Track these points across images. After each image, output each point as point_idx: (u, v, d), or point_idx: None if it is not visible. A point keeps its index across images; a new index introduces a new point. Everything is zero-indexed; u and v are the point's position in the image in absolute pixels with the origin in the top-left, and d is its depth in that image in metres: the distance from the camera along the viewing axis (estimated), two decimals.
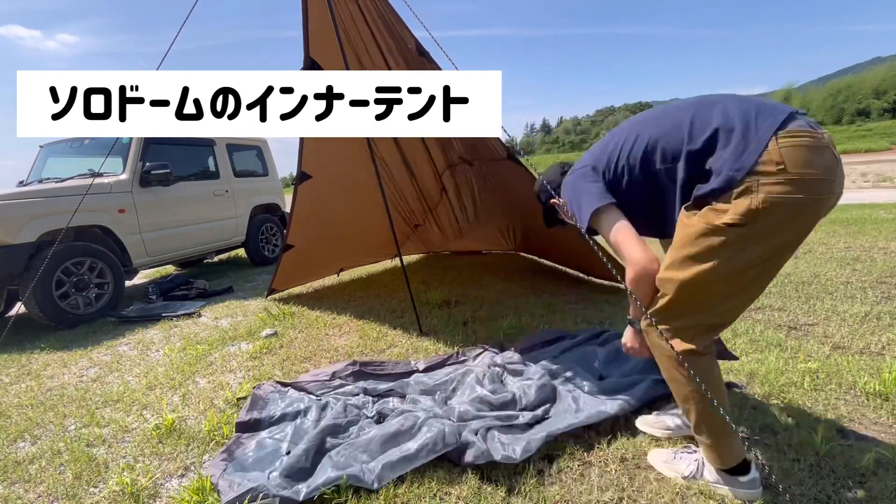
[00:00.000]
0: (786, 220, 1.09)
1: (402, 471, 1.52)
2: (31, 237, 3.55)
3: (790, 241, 1.13)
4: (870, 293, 2.99)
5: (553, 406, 1.88)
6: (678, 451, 1.49)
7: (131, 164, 4.42)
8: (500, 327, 2.87)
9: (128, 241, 4.28)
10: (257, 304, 4.03)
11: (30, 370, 2.84)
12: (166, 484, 1.63)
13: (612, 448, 1.60)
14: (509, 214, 4.41)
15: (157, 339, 3.30)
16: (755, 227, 1.09)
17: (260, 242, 6.14)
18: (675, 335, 1.24)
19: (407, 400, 2.01)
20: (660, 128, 1.29)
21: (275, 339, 3.03)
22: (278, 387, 2.21)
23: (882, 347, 2.22)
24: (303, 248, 3.85)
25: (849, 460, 1.45)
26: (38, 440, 1.99)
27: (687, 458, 1.44)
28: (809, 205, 1.08)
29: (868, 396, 1.80)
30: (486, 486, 1.47)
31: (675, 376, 1.28)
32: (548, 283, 3.92)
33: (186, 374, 2.56)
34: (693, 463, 1.41)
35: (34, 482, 1.68)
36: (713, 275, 1.14)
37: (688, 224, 1.19)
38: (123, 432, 1.99)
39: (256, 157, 6.41)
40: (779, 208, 1.07)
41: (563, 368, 2.15)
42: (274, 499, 1.43)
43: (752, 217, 1.08)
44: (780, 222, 1.09)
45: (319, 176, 3.52)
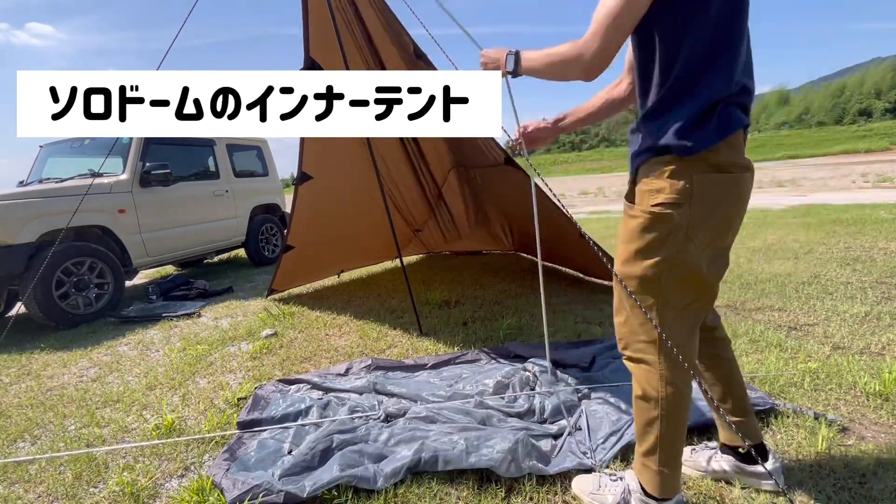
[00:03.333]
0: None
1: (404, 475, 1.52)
2: (32, 237, 3.55)
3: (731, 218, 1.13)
4: (870, 293, 2.99)
5: (578, 422, 1.77)
6: (602, 478, 1.38)
7: (131, 165, 4.43)
8: (500, 327, 2.87)
9: (128, 241, 4.28)
10: (257, 304, 4.03)
11: (30, 370, 2.84)
12: (166, 484, 1.63)
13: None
14: (509, 216, 4.41)
15: (157, 339, 3.30)
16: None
17: (260, 243, 6.14)
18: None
19: (419, 404, 1.97)
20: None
21: (275, 339, 3.03)
22: (280, 386, 2.21)
23: (882, 347, 2.22)
24: (303, 248, 3.85)
25: (849, 460, 1.45)
26: (38, 440, 1.99)
27: (612, 487, 1.34)
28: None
29: (868, 397, 1.80)
30: (486, 487, 1.47)
31: (649, 394, 1.18)
32: (548, 283, 3.91)
33: (186, 375, 2.56)
34: (620, 494, 1.31)
35: (34, 482, 1.68)
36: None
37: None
38: (123, 432, 1.99)
39: (256, 158, 6.41)
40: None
41: (605, 376, 2.08)
42: (279, 494, 1.43)
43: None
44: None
45: (320, 176, 3.52)
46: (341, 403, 2.00)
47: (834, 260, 3.89)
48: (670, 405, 1.15)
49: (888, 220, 5.62)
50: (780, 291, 3.18)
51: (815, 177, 15.56)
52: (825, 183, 12.88)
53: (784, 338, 2.39)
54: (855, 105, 47.14)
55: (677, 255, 1.09)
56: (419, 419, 1.82)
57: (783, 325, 2.58)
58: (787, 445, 1.54)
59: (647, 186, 1.12)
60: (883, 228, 5.07)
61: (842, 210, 6.78)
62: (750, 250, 4.54)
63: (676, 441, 1.19)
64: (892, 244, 4.30)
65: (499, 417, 1.79)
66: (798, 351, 2.23)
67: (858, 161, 20.51)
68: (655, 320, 1.14)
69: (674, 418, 1.17)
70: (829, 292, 3.08)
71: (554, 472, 1.48)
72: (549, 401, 1.87)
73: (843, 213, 6.37)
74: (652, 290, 1.14)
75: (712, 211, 1.08)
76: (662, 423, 1.17)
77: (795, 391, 1.86)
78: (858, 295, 2.97)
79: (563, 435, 1.70)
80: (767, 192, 11.65)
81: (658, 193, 1.09)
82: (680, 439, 1.20)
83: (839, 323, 2.55)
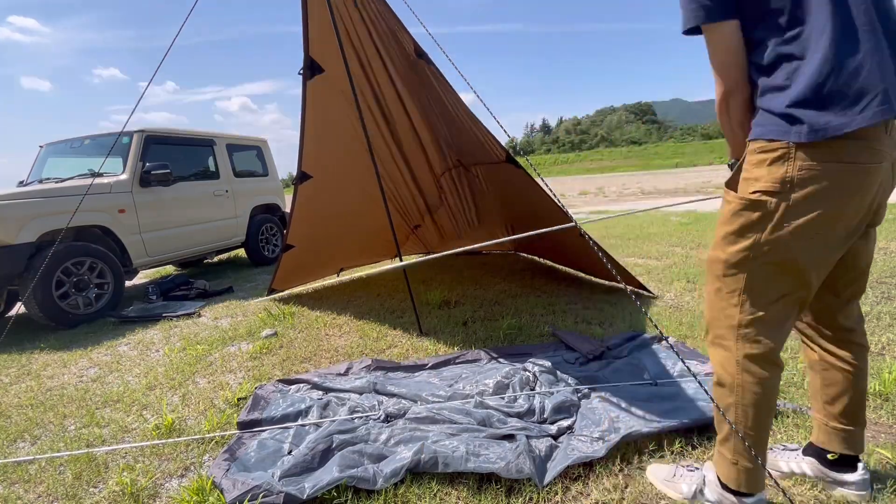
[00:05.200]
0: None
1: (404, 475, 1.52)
2: (32, 237, 3.55)
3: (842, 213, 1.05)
4: (870, 293, 2.99)
5: (578, 422, 1.77)
6: (678, 468, 1.41)
7: (131, 165, 4.43)
8: (500, 327, 2.87)
9: (128, 241, 4.28)
10: (257, 304, 4.03)
11: (30, 370, 2.84)
12: (166, 484, 1.63)
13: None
14: (509, 215, 4.41)
15: (157, 339, 3.30)
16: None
17: (260, 242, 6.15)
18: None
19: (419, 404, 1.96)
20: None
21: (275, 339, 3.03)
22: (280, 386, 2.21)
23: (882, 347, 2.22)
24: (303, 248, 3.85)
25: None
26: (38, 440, 1.99)
27: (688, 476, 1.36)
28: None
29: (868, 396, 1.79)
30: (486, 487, 1.47)
31: (724, 379, 1.18)
32: (548, 283, 3.92)
33: (186, 374, 2.56)
34: (694, 483, 1.32)
35: (34, 482, 1.68)
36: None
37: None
38: (123, 432, 1.99)
39: (256, 157, 6.41)
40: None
41: (605, 376, 2.07)
42: (278, 495, 1.43)
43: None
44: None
45: (319, 176, 3.52)
46: (341, 403, 1.99)
47: None
48: (746, 392, 1.14)
49: (888, 219, 5.62)
50: None
51: None
52: None
53: None
54: None
55: (767, 241, 1.07)
56: (419, 419, 1.82)
57: None
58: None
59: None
60: (883, 228, 5.07)
61: None
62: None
63: (754, 431, 1.16)
64: (892, 244, 4.30)
65: (499, 418, 1.79)
66: (798, 351, 2.23)
67: None
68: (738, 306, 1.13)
69: (750, 407, 1.15)
70: None
71: (551, 478, 1.47)
72: (549, 401, 1.87)
73: None
74: (738, 275, 1.12)
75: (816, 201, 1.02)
76: (738, 411, 1.16)
77: (795, 391, 1.86)
78: None
79: (562, 435, 1.70)
80: None
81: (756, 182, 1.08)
82: (759, 430, 1.17)
83: None
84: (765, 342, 1.13)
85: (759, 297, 1.12)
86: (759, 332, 1.12)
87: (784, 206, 1.03)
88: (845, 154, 0.99)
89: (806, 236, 1.05)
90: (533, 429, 1.71)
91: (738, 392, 1.15)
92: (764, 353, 1.12)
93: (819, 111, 0.97)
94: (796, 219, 1.03)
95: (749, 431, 1.16)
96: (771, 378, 1.15)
